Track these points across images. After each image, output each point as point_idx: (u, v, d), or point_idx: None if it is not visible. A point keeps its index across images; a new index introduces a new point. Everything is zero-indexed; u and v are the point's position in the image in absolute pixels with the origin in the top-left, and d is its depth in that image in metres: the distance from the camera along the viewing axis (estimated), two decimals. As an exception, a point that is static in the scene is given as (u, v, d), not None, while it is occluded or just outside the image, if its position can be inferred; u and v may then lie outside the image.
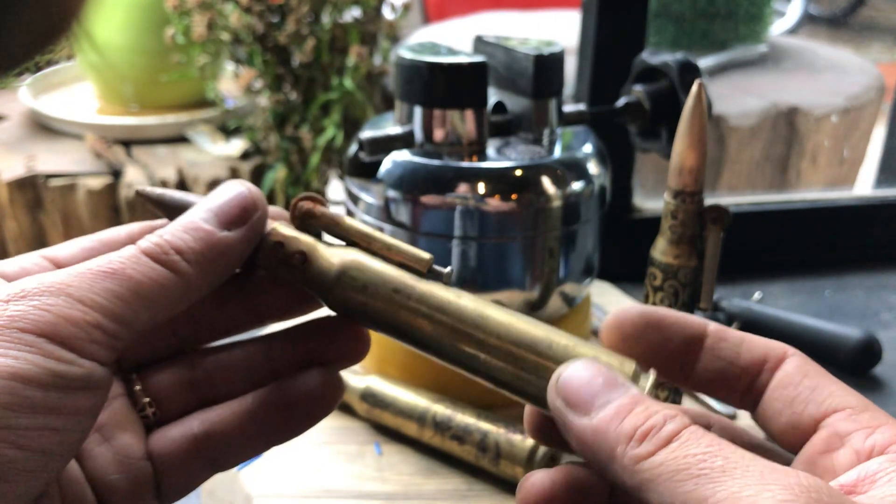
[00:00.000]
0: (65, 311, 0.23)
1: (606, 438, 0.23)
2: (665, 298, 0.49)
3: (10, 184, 0.88)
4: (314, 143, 0.90)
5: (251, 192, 0.27)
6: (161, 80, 0.99)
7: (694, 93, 0.45)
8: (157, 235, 0.26)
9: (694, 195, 0.47)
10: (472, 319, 0.27)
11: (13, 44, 0.21)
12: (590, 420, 0.23)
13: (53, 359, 0.23)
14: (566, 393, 0.24)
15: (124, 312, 0.24)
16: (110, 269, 0.24)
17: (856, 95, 1.22)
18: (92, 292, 0.24)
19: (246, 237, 0.27)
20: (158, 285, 0.25)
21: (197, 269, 0.26)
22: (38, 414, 0.23)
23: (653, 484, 0.22)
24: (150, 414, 0.29)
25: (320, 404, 0.29)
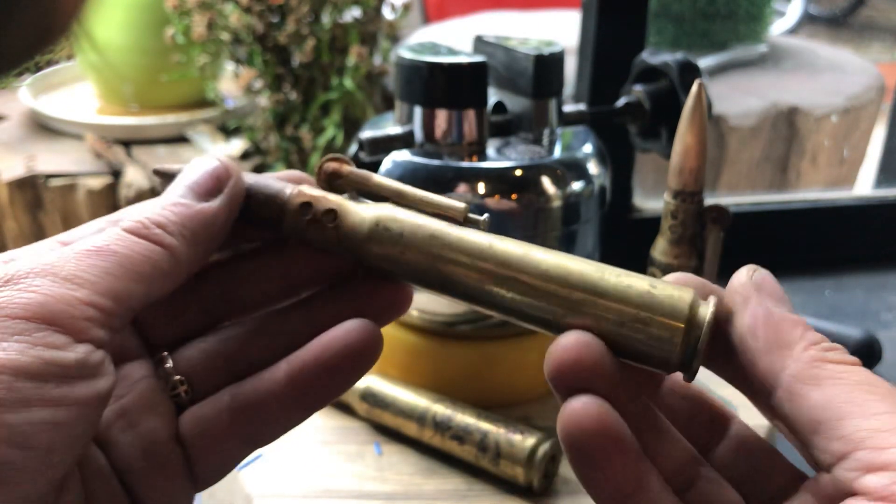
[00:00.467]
0: (54, 290, 0.22)
1: (792, 331, 0.25)
2: (665, 298, 0.49)
3: (10, 184, 0.88)
4: (314, 143, 0.90)
5: (222, 162, 0.27)
6: (161, 80, 0.99)
7: (694, 93, 0.45)
8: (136, 214, 0.26)
9: (694, 195, 0.47)
10: (516, 262, 0.26)
11: (13, 44, 0.21)
12: (779, 310, 0.25)
13: (44, 345, 0.22)
14: (762, 281, 0.26)
15: (116, 288, 0.23)
16: (95, 248, 0.24)
17: (856, 95, 1.22)
18: (79, 270, 0.23)
19: (225, 204, 0.27)
20: (146, 258, 0.24)
21: (181, 241, 0.25)
22: (33, 408, 0.21)
23: (828, 382, 0.23)
24: (183, 393, 0.28)
25: (361, 357, 0.28)
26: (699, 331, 0.25)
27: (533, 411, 0.57)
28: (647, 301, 0.25)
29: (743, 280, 0.26)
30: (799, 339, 0.24)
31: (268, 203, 0.28)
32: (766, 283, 0.26)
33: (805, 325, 0.25)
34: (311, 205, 0.27)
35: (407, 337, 0.57)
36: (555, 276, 0.26)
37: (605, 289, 0.25)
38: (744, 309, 0.25)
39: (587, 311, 0.25)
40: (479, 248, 0.27)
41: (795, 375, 0.24)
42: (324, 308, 0.29)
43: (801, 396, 0.23)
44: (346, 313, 0.28)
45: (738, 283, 0.26)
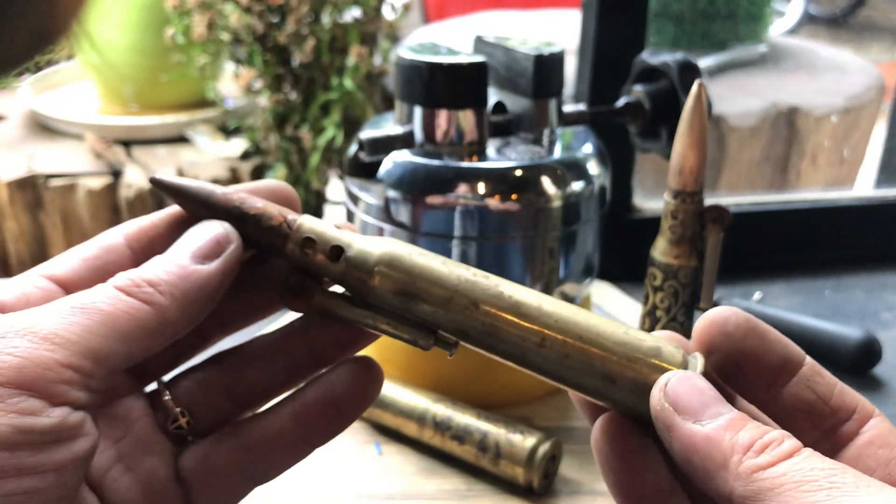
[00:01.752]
0: (31, 352, 0.22)
1: (720, 446, 0.23)
2: (665, 298, 0.49)
3: (10, 184, 0.88)
4: (314, 143, 0.90)
5: (224, 228, 0.27)
6: (161, 80, 0.99)
7: (694, 93, 0.45)
8: (131, 272, 0.25)
9: (694, 195, 0.47)
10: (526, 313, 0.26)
11: (13, 44, 0.21)
12: (702, 427, 0.23)
13: (17, 412, 0.21)
14: (676, 397, 0.24)
15: (98, 348, 0.23)
16: (80, 306, 0.23)
17: (856, 95, 1.22)
18: (59, 327, 0.22)
19: (221, 268, 0.26)
20: (133, 318, 0.24)
21: (172, 301, 0.25)
22: (8, 478, 0.20)
23: (772, 493, 0.22)
24: (185, 424, 0.28)
25: (364, 394, 0.28)
26: None
27: (533, 411, 0.57)
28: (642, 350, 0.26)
29: (657, 406, 0.25)
30: (730, 451, 0.23)
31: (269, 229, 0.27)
32: (682, 395, 0.24)
33: (732, 429, 0.23)
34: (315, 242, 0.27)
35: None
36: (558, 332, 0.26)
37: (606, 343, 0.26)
38: (670, 440, 0.24)
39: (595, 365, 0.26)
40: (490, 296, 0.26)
41: (742, 495, 0.22)
42: (321, 329, 0.29)
43: None
44: (342, 333, 0.28)
45: (654, 410, 0.25)
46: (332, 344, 0.29)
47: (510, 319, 0.26)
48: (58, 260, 0.27)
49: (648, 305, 0.50)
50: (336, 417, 0.28)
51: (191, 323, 0.26)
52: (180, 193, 0.28)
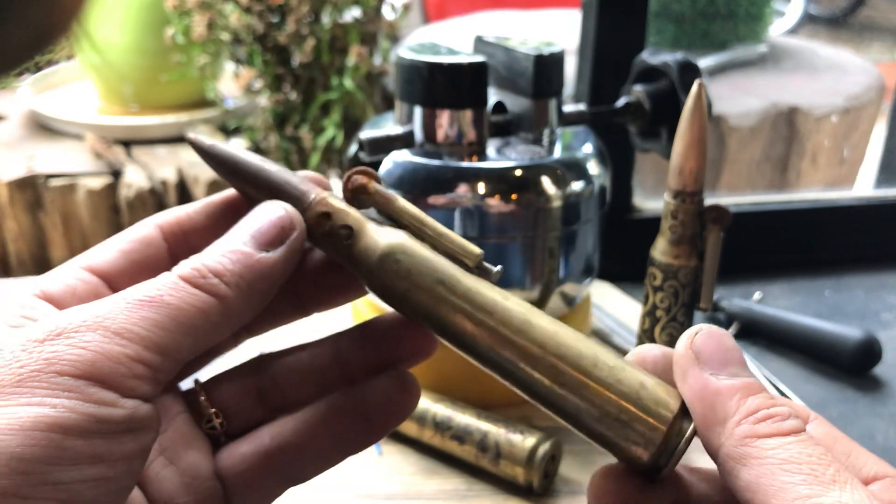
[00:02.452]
0: (103, 347, 0.22)
1: (726, 403, 0.24)
2: (665, 298, 0.49)
3: (10, 184, 0.88)
4: (314, 143, 0.90)
5: (288, 212, 0.26)
6: (161, 80, 0.99)
7: (694, 93, 0.45)
8: (194, 260, 0.25)
9: (694, 195, 0.47)
10: (517, 325, 0.26)
11: (13, 44, 0.21)
12: (717, 380, 0.24)
13: (94, 402, 0.21)
14: (701, 347, 0.25)
15: (166, 342, 0.23)
16: (147, 298, 0.23)
17: (856, 95, 1.22)
18: (130, 323, 0.23)
19: (285, 257, 0.26)
20: (199, 311, 0.24)
21: (237, 293, 0.25)
22: (82, 465, 0.21)
23: (755, 462, 0.23)
24: (218, 425, 0.28)
25: (398, 409, 0.28)
26: (679, 439, 0.25)
27: (533, 411, 0.57)
28: (636, 398, 0.25)
29: (681, 350, 0.25)
30: (734, 411, 0.24)
31: (290, 203, 0.27)
32: (707, 347, 0.25)
33: (743, 392, 0.24)
34: (331, 216, 0.27)
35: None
36: (551, 348, 0.26)
37: (598, 375, 0.25)
38: (682, 383, 0.25)
39: (574, 389, 0.26)
40: (486, 303, 0.26)
41: (728, 453, 0.23)
42: (352, 347, 0.29)
43: (733, 475, 0.23)
44: (375, 354, 0.28)
45: (677, 353, 0.25)
46: (364, 364, 0.29)
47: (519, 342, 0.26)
48: (95, 252, 0.27)
49: (648, 305, 0.50)
50: (366, 429, 0.28)
51: (253, 313, 0.26)
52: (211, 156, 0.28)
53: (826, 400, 0.66)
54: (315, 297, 0.29)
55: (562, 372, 0.26)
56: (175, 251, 0.28)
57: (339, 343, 0.29)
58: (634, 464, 0.25)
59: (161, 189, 0.90)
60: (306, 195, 0.27)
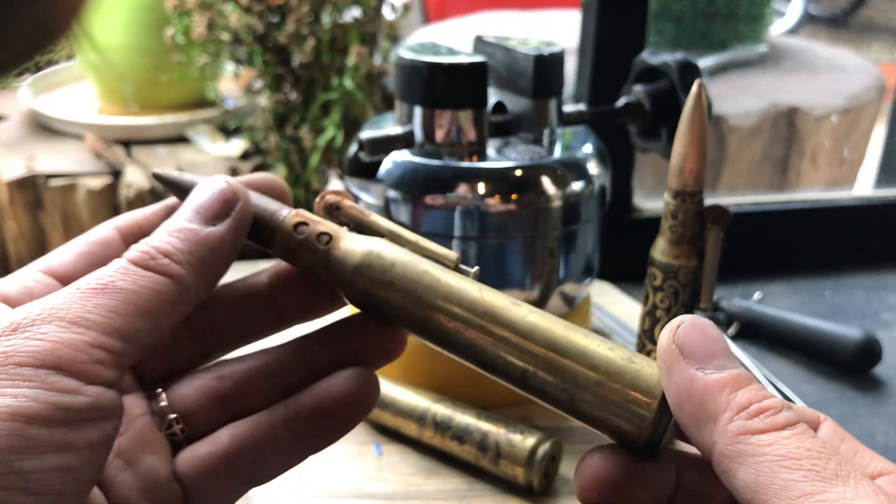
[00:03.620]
0: (61, 337, 0.22)
1: (715, 399, 0.23)
2: (665, 298, 0.49)
3: (10, 184, 0.88)
4: (314, 143, 0.90)
5: (230, 184, 0.26)
6: (161, 80, 0.99)
7: (694, 93, 0.45)
8: (142, 244, 0.25)
9: (694, 195, 0.47)
10: (501, 316, 0.26)
11: (13, 44, 0.21)
12: (703, 374, 0.23)
13: (56, 390, 0.21)
14: (685, 340, 0.24)
15: (124, 326, 0.23)
16: (100, 285, 0.23)
17: (856, 95, 1.22)
18: (85, 311, 0.22)
19: (233, 228, 0.26)
20: (154, 292, 0.24)
21: (189, 270, 0.25)
22: (46, 454, 0.21)
23: (752, 460, 0.22)
24: (179, 431, 0.28)
25: (358, 406, 0.28)
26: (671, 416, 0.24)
27: (533, 411, 0.57)
28: (627, 373, 0.25)
29: (664, 345, 0.24)
30: (724, 407, 0.23)
31: (262, 219, 0.27)
32: (691, 339, 0.24)
33: (733, 386, 0.23)
34: (307, 225, 0.27)
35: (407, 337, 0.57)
36: (536, 335, 0.26)
37: (588, 358, 0.25)
38: (668, 380, 0.24)
39: (567, 376, 0.25)
40: (469, 298, 0.26)
41: (722, 452, 0.22)
42: (317, 350, 0.29)
43: (730, 474, 0.22)
44: (340, 356, 0.28)
45: (660, 348, 0.24)
46: (328, 368, 0.28)
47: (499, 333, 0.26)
48: (54, 255, 0.27)
49: (648, 305, 0.50)
50: (328, 427, 0.28)
51: (209, 289, 0.26)
52: (178, 187, 0.28)
53: (826, 400, 0.66)
54: (293, 310, 0.29)
55: (552, 362, 0.25)
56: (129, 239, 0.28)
57: (304, 346, 0.29)
58: (629, 442, 0.25)
59: (161, 189, 0.90)
60: (279, 211, 0.28)
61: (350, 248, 0.27)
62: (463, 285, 0.26)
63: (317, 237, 0.27)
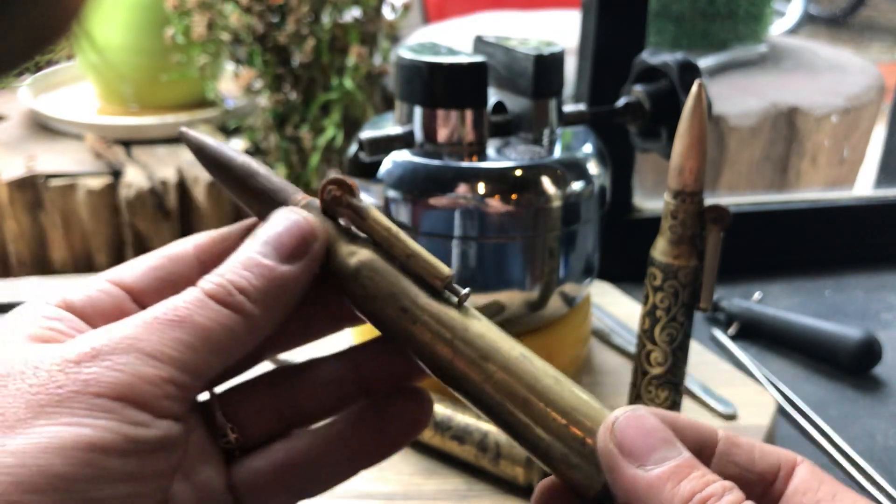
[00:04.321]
0: (138, 370, 0.23)
1: (660, 495, 0.23)
2: (665, 298, 0.49)
3: (10, 184, 0.88)
4: (314, 143, 0.90)
5: (308, 222, 0.26)
6: (161, 80, 0.99)
7: (694, 93, 0.45)
8: (218, 276, 0.25)
9: (694, 195, 0.47)
10: (481, 349, 0.26)
11: (13, 44, 0.21)
12: (645, 472, 0.23)
13: (130, 423, 0.22)
14: (622, 438, 0.24)
15: (196, 362, 0.24)
16: (177, 318, 0.24)
17: (856, 95, 1.22)
18: (162, 345, 0.23)
19: (307, 269, 0.26)
20: (227, 329, 0.24)
21: (262, 308, 0.25)
22: (118, 483, 0.22)
23: None
24: (233, 440, 0.28)
25: (414, 425, 0.29)
26: None
27: (533, 411, 0.57)
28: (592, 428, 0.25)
29: (602, 446, 0.24)
30: (670, 502, 0.23)
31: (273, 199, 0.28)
32: (627, 437, 0.24)
33: (674, 479, 0.23)
34: None
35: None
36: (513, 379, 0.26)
37: (561, 404, 0.25)
38: (612, 480, 0.24)
39: (536, 417, 0.25)
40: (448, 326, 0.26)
41: None
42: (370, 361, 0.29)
43: None
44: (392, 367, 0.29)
45: (600, 450, 0.24)
46: (382, 378, 0.29)
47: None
48: (125, 267, 0.28)
49: (648, 305, 0.50)
50: (382, 444, 0.29)
51: (274, 327, 0.26)
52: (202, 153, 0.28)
53: (826, 400, 0.66)
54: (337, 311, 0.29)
55: (519, 395, 0.25)
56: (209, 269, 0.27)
57: (357, 357, 0.29)
58: (579, 493, 0.25)
59: (161, 189, 0.90)
60: (293, 196, 0.28)
61: (340, 264, 0.27)
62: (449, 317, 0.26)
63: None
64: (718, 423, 0.56)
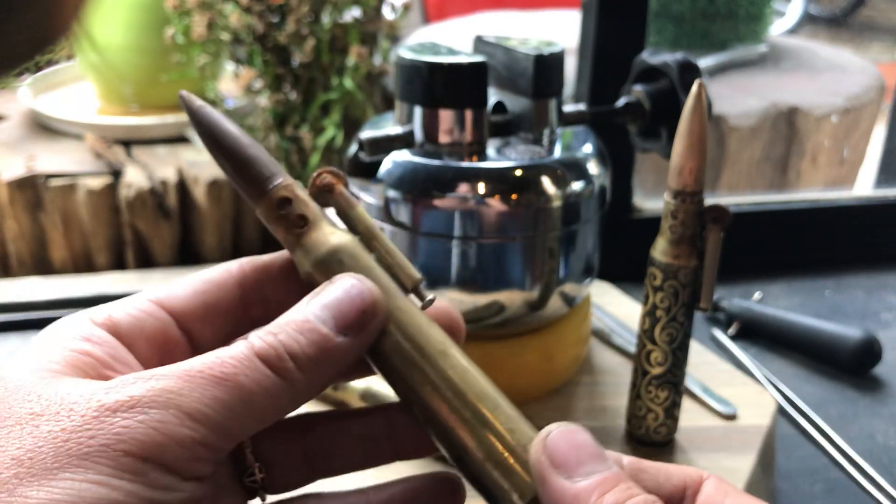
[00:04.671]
0: (173, 430, 0.22)
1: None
2: (665, 298, 0.49)
3: (10, 184, 0.88)
4: (314, 143, 0.90)
5: (373, 294, 0.25)
6: (161, 80, 0.99)
7: (694, 93, 0.45)
8: (270, 335, 0.24)
9: (694, 195, 0.47)
10: (433, 352, 0.26)
11: (13, 44, 0.21)
12: (572, 484, 0.24)
13: (154, 487, 0.22)
14: (554, 451, 0.24)
15: (231, 424, 0.23)
16: (222, 375, 0.23)
17: (856, 95, 1.22)
18: (201, 403, 0.22)
19: (362, 344, 0.25)
20: (268, 394, 0.24)
21: (308, 376, 0.24)
22: None
23: None
24: (259, 479, 0.28)
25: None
26: None
27: (533, 411, 0.57)
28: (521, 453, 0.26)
29: (534, 457, 0.25)
30: None
31: (257, 178, 0.28)
32: (559, 450, 0.24)
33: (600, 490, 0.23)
34: (291, 202, 0.27)
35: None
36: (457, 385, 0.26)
37: (494, 420, 0.26)
38: (542, 490, 0.25)
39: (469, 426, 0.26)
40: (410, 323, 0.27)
41: None
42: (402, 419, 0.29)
43: None
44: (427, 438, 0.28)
45: (532, 460, 0.25)
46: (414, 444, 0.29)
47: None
48: (169, 288, 0.27)
49: (648, 305, 0.50)
50: None
51: (316, 394, 0.26)
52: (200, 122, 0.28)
53: (826, 400, 0.66)
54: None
55: (456, 408, 0.26)
56: (248, 299, 0.27)
57: (392, 413, 0.29)
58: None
59: (161, 189, 0.90)
60: (275, 177, 0.28)
61: (320, 241, 0.27)
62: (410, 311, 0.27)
63: (295, 219, 0.27)
64: (718, 423, 0.56)
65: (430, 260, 0.53)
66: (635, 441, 0.53)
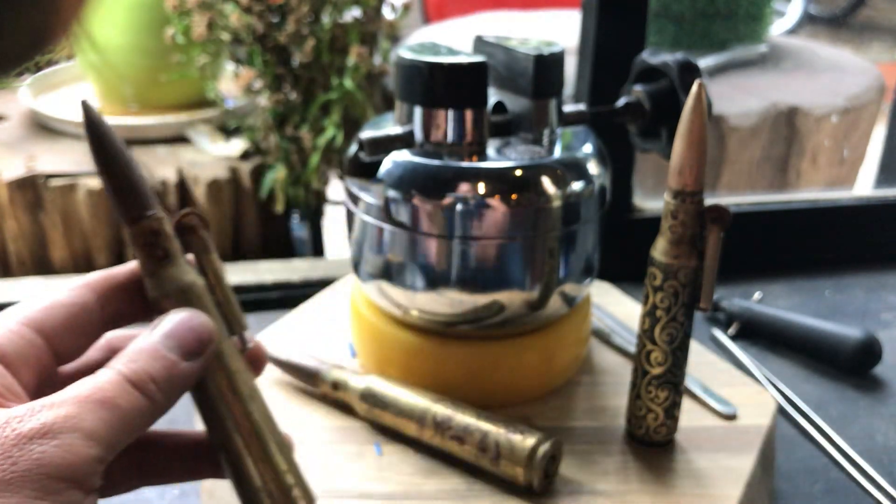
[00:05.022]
0: (80, 451, 0.25)
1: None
2: (665, 298, 0.49)
3: (10, 184, 0.88)
4: (314, 143, 0.90)
5: (208, 326, 0.30)
6: (161, 80, 0.99)
7: (694, 93, 0.45)
8: (132, 363, 0.28)
9: (694, 195, 0.47)
10: (243, 391, 0.31)
11: (13, 43, 0.21)
12: None
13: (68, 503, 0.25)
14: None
15: (115, 440, 0.27)
16: (104, 399, 0.27)
17: (856, 95, 1.22)
18: (95, 425, 0.26)
19: (201, 366, 0.30)
20: (140, 413, 0.28)
21: (163, 397, 0.29)
22: None
23: None
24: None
25: None
26: None
27: (533, 411, 0.57)
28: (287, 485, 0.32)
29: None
30: None
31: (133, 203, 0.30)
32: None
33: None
34: (159, 235, 0.31)
35: (407, 337, 0.57)
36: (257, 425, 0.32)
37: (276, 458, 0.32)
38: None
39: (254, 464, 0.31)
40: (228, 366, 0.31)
41: None
42: None
43: None
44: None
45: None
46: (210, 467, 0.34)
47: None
48: (32, 305, 0.31)
49: (648, 305, 0.50)
50: None
51: (166, 412, 0.30)
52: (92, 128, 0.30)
53: (826, 400, 0.66)
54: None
55: (254, 444, 0.31)
56: (106, 311, 0.32)
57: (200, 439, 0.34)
58: None
59: (161, 189, 0.90)
60: (151, 207, 0.31)
61: (174, 276, 0.31)
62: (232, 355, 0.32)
63: (159, 250, 0.31)
64: (718, 423, 0.56)
65: (430, 260, 0.53)
66: (635, 441, 0.54)
